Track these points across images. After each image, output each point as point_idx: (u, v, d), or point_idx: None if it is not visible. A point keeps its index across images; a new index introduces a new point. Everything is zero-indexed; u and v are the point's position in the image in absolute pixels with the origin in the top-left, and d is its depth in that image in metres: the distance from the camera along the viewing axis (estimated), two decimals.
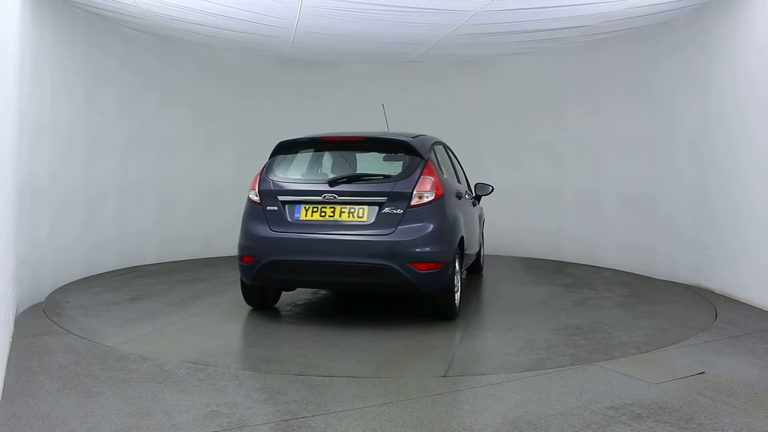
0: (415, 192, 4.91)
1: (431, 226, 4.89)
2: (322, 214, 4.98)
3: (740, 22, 6.07)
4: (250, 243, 5.15)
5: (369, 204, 4.92)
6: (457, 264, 5.28)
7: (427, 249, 4.85)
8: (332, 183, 5.06)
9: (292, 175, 5.37)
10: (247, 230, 5.19)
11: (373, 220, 4.88)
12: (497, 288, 7.10)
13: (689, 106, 6.87)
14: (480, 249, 7.39)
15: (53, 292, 6.14)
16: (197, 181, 8.58)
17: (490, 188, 6.97)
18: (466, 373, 3.95)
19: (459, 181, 6.40)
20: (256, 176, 5.39)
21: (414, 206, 4.88)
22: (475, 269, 7.59)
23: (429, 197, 4.94)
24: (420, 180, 4.97)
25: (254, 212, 5.19)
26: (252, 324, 5.30)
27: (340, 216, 4.95)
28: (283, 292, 5.94)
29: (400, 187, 4.93)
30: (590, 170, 8.41)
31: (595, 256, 8.32)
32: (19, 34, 5.06)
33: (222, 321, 5.33)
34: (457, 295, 5.36)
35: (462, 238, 5.42)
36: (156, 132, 8.09)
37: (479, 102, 9.46)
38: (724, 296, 6.25)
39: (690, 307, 5.83)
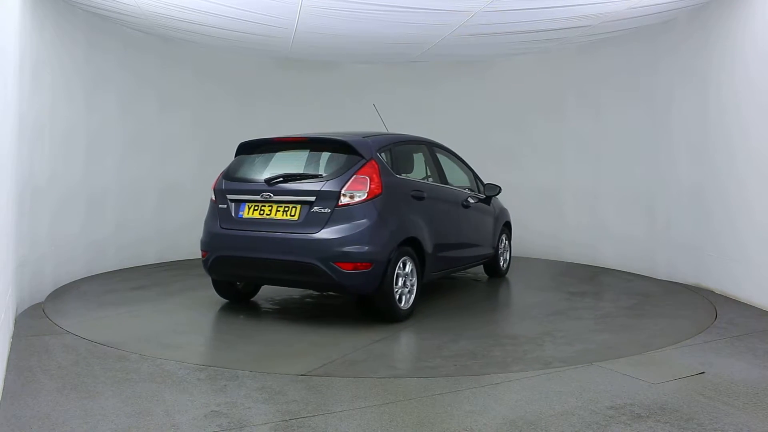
0: (343, 191, 4.93)
1: (359, 226, 4.87)
2: (261, 212, 5.17)
3: (740, 22, 6.07)
4: (205, 239, 5.46)
5: (301, 203, 5.02)
6: (409, 265, 5.26)
7: (353, 249, 4.84)
8: (269, 182, 5.21)
9: (241, 174, 5.53)
10: (204, 227, 5.53)
11: (302, 219, 4.97)
12: (492, 292, 7.06)
13: (689, 106, 6.87)
14: (497, 251, 7.30)
15: (53, 292, 6.15)
16: (197, 181, 8.57)
17: (498, 189, 6.98)
18: (330, 374, 3.85)
19: (443, 182, 6.21)
20: (218, 176, 5.67)
21: (342, 206, 4.90)
22: (493, 272, 7.49)
23: (360, 196, 4.93)
24: (352, 179, 4.97)
25: (211, 210, 5.52)
26: (219, 317, 5.48)
27: (275, 214, 5.10)
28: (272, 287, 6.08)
29: (328, 186, 4.97)
30: (590, 170, 8.41)
31: (595, 256, 8.32)
32: (19, 34, 5.06)
33: (199, 314, 5.53)
34: (411, 297, 5.31)
35: (414, 239, 5.30)
36: (156, 132, 8.09)
37: (479, 102, 9.47)
38: (724, 296, 6.25)
39: (690, 307, 5.83)
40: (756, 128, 5.82)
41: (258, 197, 5.19)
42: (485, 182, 7.11)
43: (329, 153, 5.32)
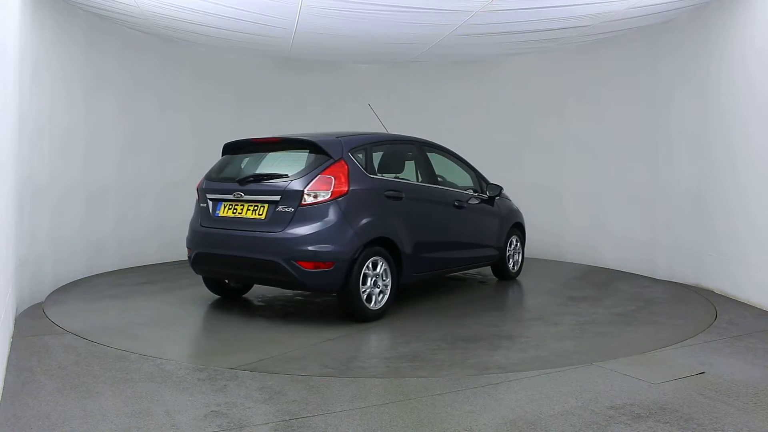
0: (306, 191, 4.98)
1: (322, 225, 4.92)
2: (234, 211, 5.31)
3: (740, 22, 6.07)
4: (188, 236, 5.67)
5: (268, 202, 5.11)
6: (381, 265, 5.27)
7: (315, 248, 4.88)
8: (241, 182, 5.34)
9: (220, 174, 5.66)
10: (189, 225, 5.71)
11: (269, 218, 5.06)
12: (487, 294, 7.00)
13: (688, 105, 6.87)
14: (503, 253, 7.13)
15: (53, 292, 6.15)
16: (197, 181, 8.56)
17: (499, 189, 6.92)
18: (257, 369, 3.92)
19: (433, 182, 6.15)
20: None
21: (305, 205, 4.95)
22: (502, 274, 7.31)
23: (324, 196, 4.98)
24: (315, 179, 5.02)
25: (195, 208, 5.73)
26: (195, 313, 5.64)
27: (246, 213, 5.22)
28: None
29: (292, 186, 5.03)
30: (590, 170, 8.41)
31: (595, 256, 8.32)
32: (19, 34, 5.06)
33: (181, 310, 5.68)
34: (384, 297, 5.31)
35: (387, 239, 5.30)
36: (155, 132, 8.10)
37: (479, 102, 9.47)
38: (724, 296, 6.25)
39: (690, 307, 5.83)
40: (755, 129, 5.82)
41: (231, 196, 5.33)
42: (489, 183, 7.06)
43: (300, 153, 5.39)
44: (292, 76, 9.35)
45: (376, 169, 5.54)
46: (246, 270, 5.27)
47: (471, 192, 6.71)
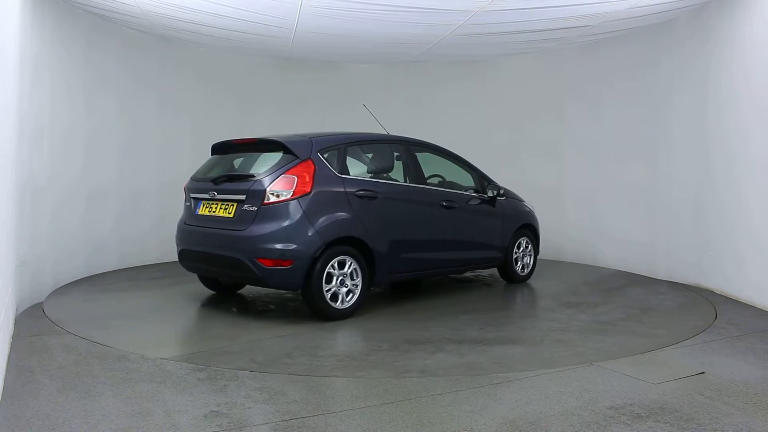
0: (269, 190, 5.08)
1: (281, 224, 5.02)
2: (209, 209, 5.50)
3: (740, 22, 6.07)
4: (176, 233, 5.89)
5: (236, 201, 5.26)
6: (350, 265, 5.29)
7: (274, 246, 4.98)
8: (215, 181, 5.51)
9: (202, 174, 5.83)
10: (178, 222, 5.95)
11: (236, 217, 5.22)
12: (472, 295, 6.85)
13: (689, 106, 6.87)
14: (508, 255, 6.91)
15: (53, 291, 6.15)
16: None
17: (498, 189, 6.77)
18: (189, 361, 4.10)
19: (419, 182, 6.07)
20: None
21: (268, 204, 5.06)
22: (511, 277, 7.06)
23: (285, 195, 5.07)
24: (278, 179, 5.12)
25: (184, 207, 5.92)
26: (175, 307, 5.85)
27: (218, 212, 5.40)
28: None
29: (256, 185, 5.15)
30: (590, 170, 8.41)
31: (595, 256, 8.32)
32: (19, 34, 5.06)
33: (167, 306, 5.84)
34: (353, 297, 5.33)
35: (355, 238, 5.32)
36: (155, 132, 8.09)
37: (479, 101, 9.47)
38: (724, 296, 6.25)
39: (690, 307, 5.82)
40: (754, 128, 5.82)
41: (206, 195, 5.53)
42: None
43: (272, 154, 5.48)
44: (292, 76, 9.34)
45: (349, 169, 5.56)
46: (218, 266, 5.45)
47: (471, 192, 6.62)
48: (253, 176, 5.26)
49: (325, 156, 5.38)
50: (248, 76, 9.13)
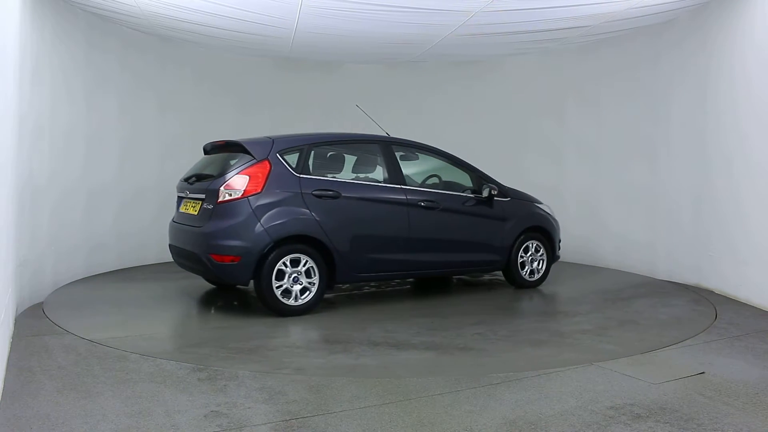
0: (222, 189, 5.33)
1: (231, 221, 5.26)
2: (185, 207, 5.85)
3: (739, 22, 6.07)
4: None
5: (200, 200, 5.58)
6: (305, 263, 5.38)
7: (223, 242, 5.24)
8: (187, 181, 5.92)
9: (186, 174, 6.13)
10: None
11: (199, 215, 5.53)
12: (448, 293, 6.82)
13: (688, 106, 6.87)
14: (510, 258, 6.58)
15: (53, 292, 6.15)
16: None
17: (492, 189, 6.45)
18: (117, 347, 4.33)
19: (398, 182, 5.96)
20: None
21: (221, 202, 5.32)
22: (518, 282, 6.70)
23: (236, 194, 5.30)
24: (231, 179, 5.36)
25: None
26: (160, 300, 6.12)
27: (189, 210, 5.75)
28: None
29: (213, 185, 5.44)
30: (590, 170, 8.41)
31: (595, 256, 8.32)
32: (19, 34, 5.06)
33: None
34: (310, 294, 5.40)
35: (311, 237, 5.39)
36: (155, 132, 8.09)
37: (479, 102, 9.46)
38: (724, 296, 6.25)
39: (690, 307, 5.82)
40: (753, 129, 5.82)
41: (183, 194, 5.95)
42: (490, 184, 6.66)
43: (235, 155, 5.71)
44: (292, 76, 9.34)
45: (315, 169, 5.69)
46: (189, 262, 5.71)
47: (468, 193, 6.42)
48: (213, 176, 5.57)
49: (286, 157, 5.56)
50: (248, 76, 9.12)
